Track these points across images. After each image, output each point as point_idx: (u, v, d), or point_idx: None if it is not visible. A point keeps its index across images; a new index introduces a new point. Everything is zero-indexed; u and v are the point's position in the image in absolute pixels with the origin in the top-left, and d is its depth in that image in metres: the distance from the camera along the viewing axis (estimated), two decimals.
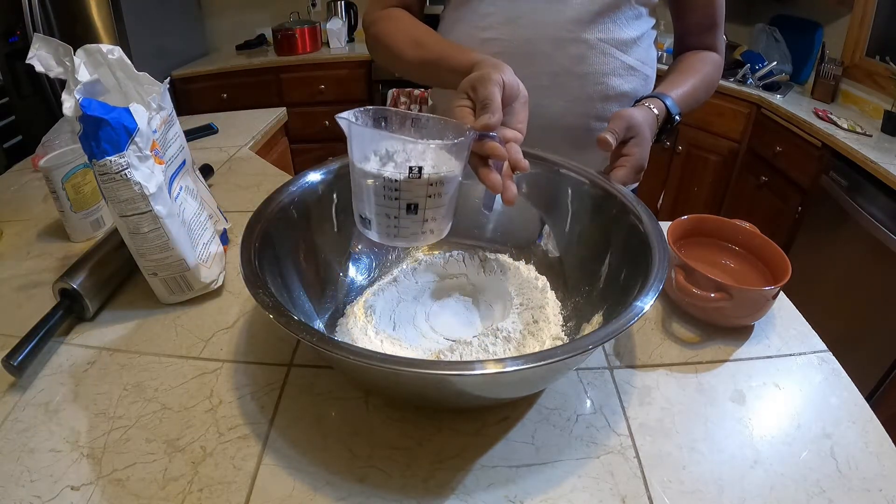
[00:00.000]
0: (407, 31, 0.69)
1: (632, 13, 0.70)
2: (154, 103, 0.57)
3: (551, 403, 0.48)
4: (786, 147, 1.74)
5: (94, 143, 0.50)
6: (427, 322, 0.55)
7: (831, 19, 1.91)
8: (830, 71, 1.80)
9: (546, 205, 0.62)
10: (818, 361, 0.53)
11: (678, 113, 0.67)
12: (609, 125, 0.59)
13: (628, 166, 0.57)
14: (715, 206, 2.12)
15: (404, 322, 0.55)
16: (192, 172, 0.66)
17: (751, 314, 0.56)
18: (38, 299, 0.62)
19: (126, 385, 0.51)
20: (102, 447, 0.45)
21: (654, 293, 0.41)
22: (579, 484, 0.41)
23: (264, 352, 0.54)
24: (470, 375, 0.36)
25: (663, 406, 0.48)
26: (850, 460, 0.43)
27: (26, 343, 0.51)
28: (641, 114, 0.62)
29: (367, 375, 0.44)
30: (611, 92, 0.72)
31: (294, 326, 0.38)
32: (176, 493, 0.41)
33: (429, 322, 0.55)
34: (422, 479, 0.42)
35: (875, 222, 1.38)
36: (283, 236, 0.51)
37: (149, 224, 0.54)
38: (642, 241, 0.48)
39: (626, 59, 0.72)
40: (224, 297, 0.63)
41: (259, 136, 1.17)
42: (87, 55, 0.55)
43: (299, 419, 0.47)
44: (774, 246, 0.58)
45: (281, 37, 2.43)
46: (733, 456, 0.44)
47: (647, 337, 0.56)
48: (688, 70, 0.74)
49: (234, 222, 0.75)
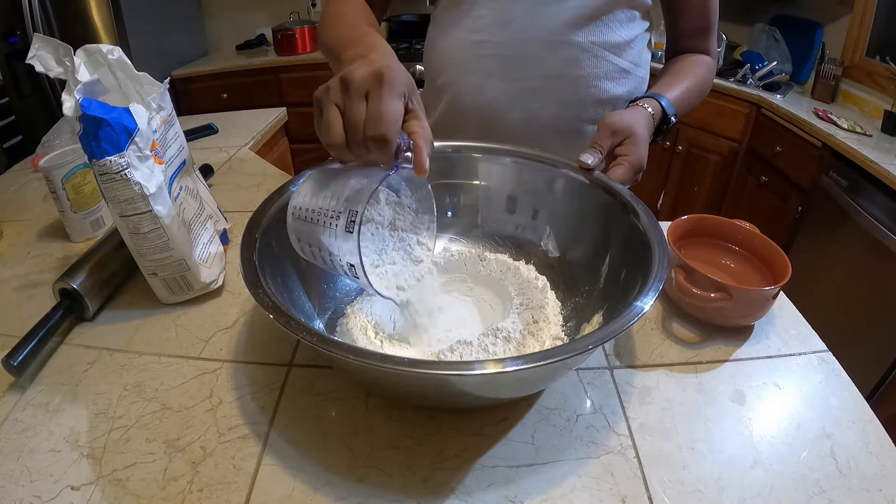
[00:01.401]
0: (339, 12, 0.64)
1: (624, 16, 0.70)
2: (154, 103, 0.57)
3: (551, 403, 0.48)
4: (786, 147, 1.74)
5: (94, 143, 0.50)
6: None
7: (831, 19, 1.91)
8: (830, 71, 1.80)
9: (546, 205, 0.62)
10: (818, 361, 0.53)
11: (674, 114, 0.66)
12: (594, 137, 0.60)
13: (627, 165, 0.57)
14: (715, 206, 2.12)
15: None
16: (192, 172, 0.66)
17: (751, 314, 0.56)
18: (38, 299, 0.62)
19: (126, 385, 0.51)
20: (102, 447, 0.45)
21: (654, 293, 0.41)
22: (579, 484, 0.41)
23: (264, 352, 0.54)
24: (470, 375, 0.36)
25: (663, 406, 0.48)
26: (850, 460, 0.43)
27: (26, 343, 0.51)
28: (633, 114, 0.62)
29: (367, 375, 0.44)
30: (604, 95, 0.72)
31: (294, 326, 0.38)
32: (176, 493, 0.41)
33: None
34: (422, 479, 0.42)
35: (875, 222, 1.38)
36: (283, 236, 0.51)
37: (149, 224, 0.54)
38: (642, 240, 0.48)
39: (619, 61, 0.71)
40: (224, 297, 0.63)
41: (259, 136, 1.17)
42: (87, 55, 0.55)
43: (299, 419, 0.47)
44: (774, 246, 0.58)
45: (281, 37, 2.43)
46: (733, 456, 0.43)
47: (647, 337, 0.56)
48: (681, 72, 0.73)
49: (234, 222, 0.75)
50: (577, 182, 0.58)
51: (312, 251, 0.45)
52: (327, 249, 0.43)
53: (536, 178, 0.61)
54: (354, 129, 0.39)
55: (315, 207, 0.43)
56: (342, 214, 0.41)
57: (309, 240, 0.44)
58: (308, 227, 0.44)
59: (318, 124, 0.41)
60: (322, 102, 0.40)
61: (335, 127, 0.39)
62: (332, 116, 0.39)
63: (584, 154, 0.57)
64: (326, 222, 0.42)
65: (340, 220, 0.41)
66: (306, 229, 0.44)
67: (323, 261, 0.45)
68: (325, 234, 0.42)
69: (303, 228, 0.44)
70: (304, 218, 0.44)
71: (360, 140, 0.39)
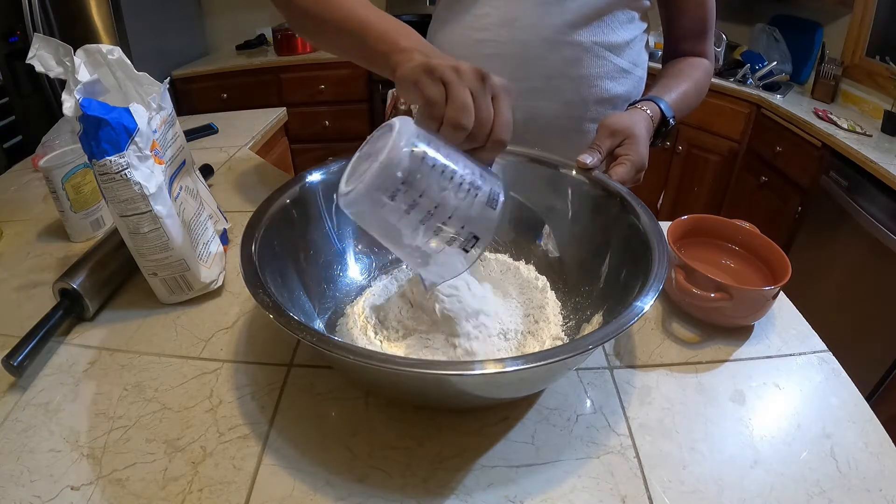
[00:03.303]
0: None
1: (624, 17, 0.71)
2: (154, 103, 0.57)
3: (551, 403, 0.48)
4: (786, 147, 1.74)
5: (94, 143, 0.50)
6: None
7: (831, 19, 1.91)
8: (830, 71, 1.80)
9: (546, 205, 0.62)
10: (818, 361, 0.53)
11: (672, 116, 0.67)
12: (594, 139, 0.60)
13: (628, 164, 0.58)
14: (715, 206, 2.12)
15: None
16: (192, 172, 0.66)
17: (751, 314, 0.56)
18: (38, 299, 0.62)
19: (126, 385, 0.51)
20: (102, 447, 0.45)
21: (654, 293, 0.41)
22: (579, 484, 0.41)
23: (264, 352, 0.54)
24: (470, 375, 0.36)
25: (663, 406, 0.48)
26: (850, 460, 0.43)
27: (26, 343, 0.51)
28: (632, 116, 0.62)
29: (367, 375, 0.44)
30: (604, 94, 0.72)
31: (294, 326, 0.38)
32: (176, 493, 0.41)
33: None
34: (422, 479, 0.42)
35: (875, 222, 1.38)
36: (283, 236, 0.51)
37: (149, 224, 0.54)
38: (642, 240, 0.48)
39: (619, 61, 0.72)
40: (224, 297, 0.63)
41: (259, 136, 1.17)
42: (87, 55, 0.55)
43: (299, 419, 0.47)
44: (774, 246, 0.58)
45: (281, 37, 2.43)
46: (733, 456, 0.44)
47: (647, 337, 0.56)
48: (679, 75, 0.74)
49: (234, 222, 0.75)
50: (578, 182, 0.58)
51: (412, 197, 0.39)
52: (450, 209, 0.40)
53: (537, 178, 0.61)
54: (485, 125, 0.41)
55: (446, 163, 0.40)
56: (481, 189, 0.41)
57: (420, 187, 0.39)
58: (427, 176, 0.39)
59: (434, 95, 0.41)
60: (451, 80, 0.41)
61: (470, 112, 0.41)
62: (466, 98, 0.41)
63: (583, 154, 0.57)
64: (462, 186, 0.40)
65: (481, 193, 0.41)
66: (424, 177, 0.39)
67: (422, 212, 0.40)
68: (457, 195, 0.40)
69: (418, 172, 0.39)
70: (431, 164, 0.40)
71: (484, 136, 0.42)
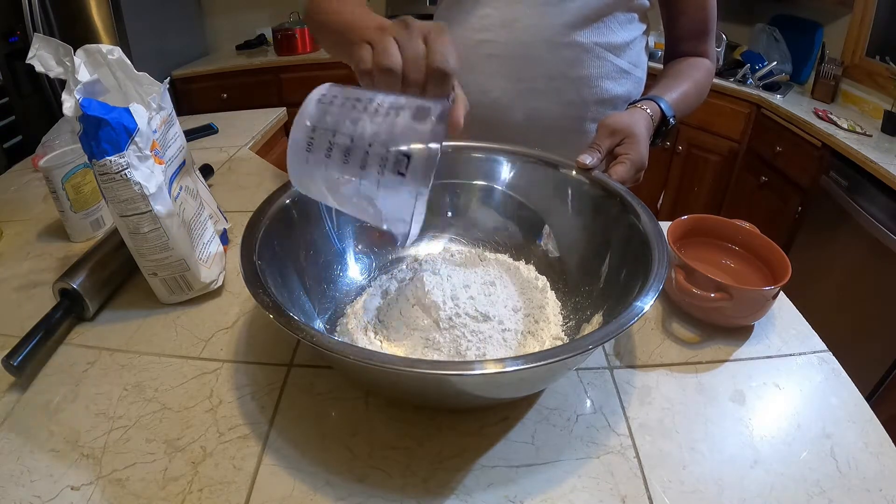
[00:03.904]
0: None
1: (624, 17, 0.71)
2: (154, 103, 0.57)
3: (551, 403, 0.48)
4: (786, 147, 1.74)
5: (94, 143, 0.50)
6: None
7: (831, 19, 1.91)
8: (830, 71, 1.80)
9: (546, 205, 0.62)
10: (818, 361, 0.53)
11: (672, 115, 0.67)
12: (593, 138, 0.60)
13: (628, 163, 0.58)
14: (715, 206, 2.12)
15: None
16: (192, 172, 0.66)
17: (751, 314, 0.56)
18: (38, 299, 0.62)
19: (126, 385, 0.51)
20: (102, 447, 0.45)
21: (654, 293, 0.41)
22: (579, 484, 0.41)
23: (264, 352, 0.54)
24: (470, 375, 0.36)
25: (663, 406, 0.48)
26: (850, 460, 0.43)
27: (26, 343, 0.51)
28: (631, 115, 0.62)
29: (367, 375, 0.44)
30: (605, 95, 0.73)
31: (294, 326, 0.38)
32: (176, 493, 0.41)
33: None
34: (422, 479, 0.42)
35: (875, 222, 1.38)
36: (283, 236, 0.51)
37: (149, 224, 0.54)
38: (642, 240, 0.48)
39: (619, 62, 0.72)
40: (224, 297, 0.63)
41: (259, 136, 1.17)
42: (87, 55, 0.55)
43: (299, 419, 0.47)
44: (774, 246, 0.58)
45: (281, 37, 2.43)
46: (733, 456, 0.44)
47: (647, 337, 0.56)
48: (680, 75, 0.74)
49: (234, 222, 0.75)
50: (578, 182, 0.58)
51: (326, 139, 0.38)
52: (368, 136, 0.37)
53: (537, 178, 0.61)
54: (415, 60, 0.38)
55: (359, 97, 0.38)
56: (404, 107, 0.37)
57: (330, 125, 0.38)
58: (336, 115, 0.38)
59: (362, 53, 0.39)
60: (373, 36, 0.39)
61: (394, 54, 0.38)
62: (389, 45, 0.38)
63: (583, 154, 0.57)
64: (379, 111, 0.38)
65: (405, 111, 0.37)
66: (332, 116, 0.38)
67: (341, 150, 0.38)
68: (374, 120, 0.38)
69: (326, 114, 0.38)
70: (340, 104, 0.38)
71: (419, 71, 0.38)
